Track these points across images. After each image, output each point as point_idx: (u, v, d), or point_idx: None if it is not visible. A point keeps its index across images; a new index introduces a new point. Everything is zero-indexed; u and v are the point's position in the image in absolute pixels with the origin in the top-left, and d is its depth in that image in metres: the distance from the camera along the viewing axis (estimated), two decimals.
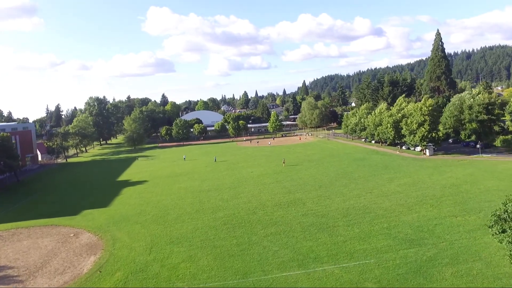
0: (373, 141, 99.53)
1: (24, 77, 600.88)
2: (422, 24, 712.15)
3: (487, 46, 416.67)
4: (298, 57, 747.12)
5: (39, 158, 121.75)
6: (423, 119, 70.99)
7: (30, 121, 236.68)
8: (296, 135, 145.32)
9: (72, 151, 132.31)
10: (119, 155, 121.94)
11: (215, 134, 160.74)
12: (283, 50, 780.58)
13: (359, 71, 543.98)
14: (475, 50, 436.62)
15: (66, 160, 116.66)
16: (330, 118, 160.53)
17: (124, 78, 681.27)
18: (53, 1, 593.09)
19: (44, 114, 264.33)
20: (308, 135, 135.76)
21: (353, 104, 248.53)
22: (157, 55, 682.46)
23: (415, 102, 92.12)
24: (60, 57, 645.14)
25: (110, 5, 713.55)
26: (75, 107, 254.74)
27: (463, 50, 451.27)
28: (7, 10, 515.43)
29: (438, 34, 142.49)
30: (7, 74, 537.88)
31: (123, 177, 78.54)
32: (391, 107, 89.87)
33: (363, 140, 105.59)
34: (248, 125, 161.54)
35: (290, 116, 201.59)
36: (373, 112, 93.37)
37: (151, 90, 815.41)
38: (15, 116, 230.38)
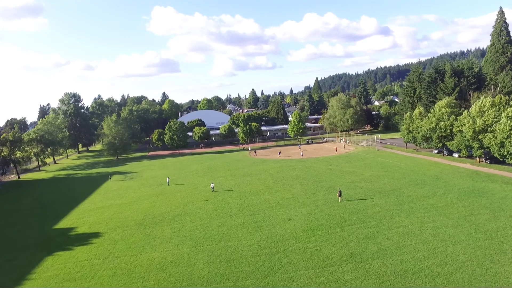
0: (455, 154, 67.30)
1: (29, 78, 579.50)
2: (429, 23, 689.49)
3: None
4: (303, 56, 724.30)
5: None
6: None
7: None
8: (326, 141, 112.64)
9: (35, 163, 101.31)
10: (91, 170, 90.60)
11: (220, 139, 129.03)
12: (288, 49, 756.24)
13: (369, 69, 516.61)
14: (487, 49, 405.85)
15: (19, 177, 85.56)
16: (365, 120, 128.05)
17: (128, 78, 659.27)
18: (58, 1, 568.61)
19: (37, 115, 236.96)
20: (346, 142, 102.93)
21: (376, 103, 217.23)
22: (161, 55, 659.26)
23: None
24: (64, 57, 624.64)
25: (114, 5, 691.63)
26: None
27: (477, 48, 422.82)
28: (12, 10, 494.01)
29: (500, 13, 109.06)
30: (12, 74, 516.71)
31: (68, 219, 46.88)
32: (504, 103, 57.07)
33: (435, 152, 73.12)
34: (262, 128, 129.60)
35: (310, 117, 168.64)
36: (465, 112, 60.58)
37: (156, 90, 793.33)
38: (8, 117, 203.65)
